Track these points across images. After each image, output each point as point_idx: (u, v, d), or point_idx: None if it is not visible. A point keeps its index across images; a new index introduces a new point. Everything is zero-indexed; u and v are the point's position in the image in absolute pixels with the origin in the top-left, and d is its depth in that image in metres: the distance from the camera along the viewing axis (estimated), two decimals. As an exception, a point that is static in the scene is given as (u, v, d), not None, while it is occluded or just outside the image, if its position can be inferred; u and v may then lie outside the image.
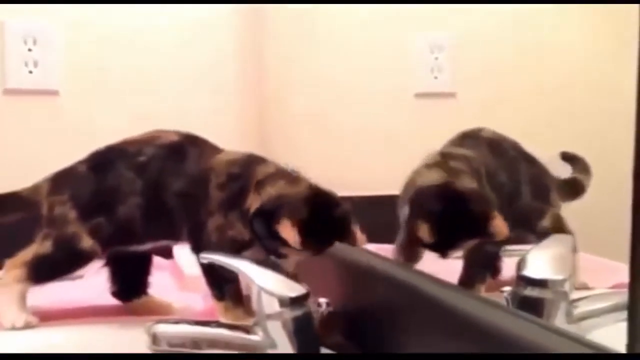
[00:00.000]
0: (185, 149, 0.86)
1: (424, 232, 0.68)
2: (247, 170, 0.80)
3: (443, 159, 0.75)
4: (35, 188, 0.92)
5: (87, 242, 0.86)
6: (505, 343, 0.52)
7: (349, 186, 0.98)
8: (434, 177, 0.71)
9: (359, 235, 0.76)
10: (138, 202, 0.85)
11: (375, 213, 0.86)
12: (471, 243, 0.69)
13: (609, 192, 0.62)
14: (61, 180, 0.91)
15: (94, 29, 1.24)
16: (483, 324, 0.56)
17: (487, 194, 0.70)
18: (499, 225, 0.66)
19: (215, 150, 0.87)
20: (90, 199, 0.87)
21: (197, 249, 0.83)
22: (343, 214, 0.76)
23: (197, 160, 0.85)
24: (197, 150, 0.86)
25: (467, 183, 0.70)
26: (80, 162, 0.90)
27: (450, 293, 0.64)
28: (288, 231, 0.72)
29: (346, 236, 0.76)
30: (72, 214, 0.87)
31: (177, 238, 0.88)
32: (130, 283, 0.93)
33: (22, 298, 0.86)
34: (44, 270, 0.87)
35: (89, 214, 0.86)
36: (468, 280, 0.73)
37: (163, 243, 0.93)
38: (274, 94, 1.27)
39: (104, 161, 0.89)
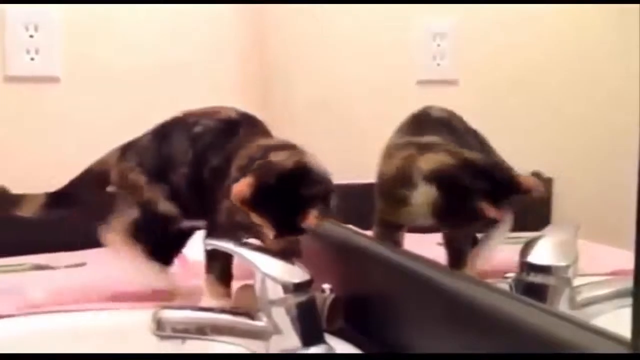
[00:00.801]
0: (238, 127, 0.86)
1: (490, 211, 0.65)
2: (266, 154, 0.77)
3: (423, 148, 0.75)
4: (104, 159, 0.95)
5: (164, 205, 0.87)
6: (509, 328, 0.52)
7: (351, 173, 0.98)
8: (447, 161, 0.71)
9: (311, 217, 0.69)
10: (185, 172, 0.86)
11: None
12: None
13: (613, 181, 0.62)
14: (128, 149, 0.93)
15: (96, 16, 1.24)
16: (486, 309, 0.56)
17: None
18: (530, 181, 0.66)
19: (266, 134, 0.87)
20: (154, 166, 0.89)
21: (207, 228, 0.84)
22: (311, 195, 0.71)
23: (242, 141, 0.84)
24: (248, 131, 0.85)
25: (479, 157, 0.70)
26: (147, 132, 0.92)
27: (453, 278, 0.64)
28: (240, 184, 0.69)
29: (301, 215, 0.69)
30: (142, 180, 0.88)
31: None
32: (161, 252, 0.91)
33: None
34: (143, 234, 0.89)
35: (156, 180, 0.87)
36: (455, 263, 0.73)
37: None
38: (276, 82, 1.27)
39: (165, 130, 0.91)
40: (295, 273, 0.64)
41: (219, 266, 0.83)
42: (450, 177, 0.70)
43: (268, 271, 0.63)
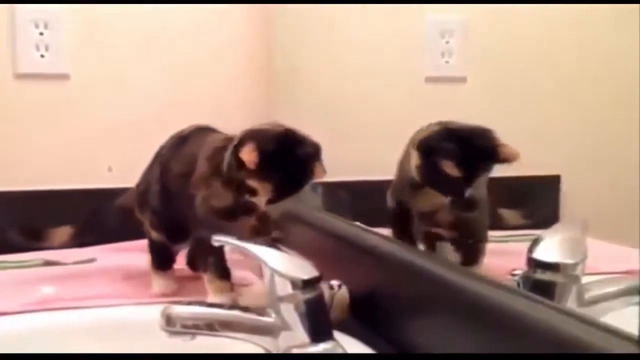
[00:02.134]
0: (190, 136, 0.92)
1: (450, 168, 0.70)
2: (231, 139, 0.82)
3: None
4: (127, 195, 1.01)
5: (153, 234, 0.95)
6: (517, 325, 0.53)
7: (358, 171, 0.98)
8: (431, 129, 0.74)
9: (318, 170, 0.78)
10: (157, 189, 0.93)
11: (385, 197, 0.86)
12: (488, 173, 0.71)
13: (621, 178, 0.62)
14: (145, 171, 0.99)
15: (105, 13, 1.24)
16: (495, 306, 0.56)
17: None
18: (509, 150, 0.69)
19: (217, 132, 0.91)
20: (141, 192, 0.96)
21: (192, 227, 0.88)
22: (307, 153, 0.78)
23: (196, 143, 0.90)
24: (199, 135, 0.91)
25: (462, 124, 0.73)
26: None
27: (461, 276, 0.64)
28: (247, 152, 0.75)
29: (308, 174, 0.78)
30: (137, 207, 0.97)
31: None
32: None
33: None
34: (152, 260, 0.96)
35: (142, 207, 0.96)
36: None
37: None
38: (283, 80, 1.27)
39: (155, 155, 0.97)
40: (304, 269, 0.64)
41: (215, 262, 0.85)
42: (429, 142, 0.74)
43: (277, 267, 0.63)
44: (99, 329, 0.81)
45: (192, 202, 0.85)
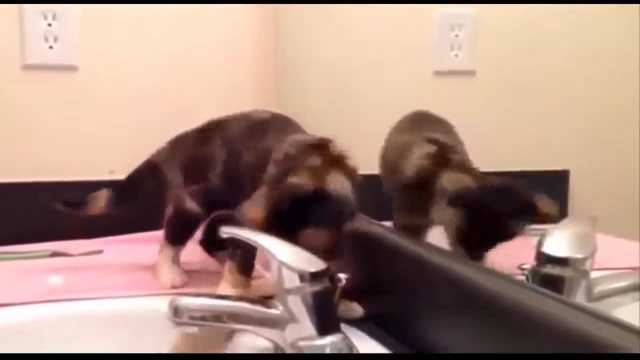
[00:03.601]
0: (268, 127, 0.89)
1: (517, 227, 0.67)
2: (302, 155, 0.79)
3: (445, 153, 0.75)
4: (158, 152, 1.00)
5: (190, 204, 0.93)
6: (527, 319, 0.52)
7: (367, 164, 0.98)
8: (470, 183, 0.72)
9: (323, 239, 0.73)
10: (221, 170, 0.91)
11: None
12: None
13: (631, 173, 0.62)
14: (176, 145, 0.99)
15: (114, 5, 1.24)
16: (504, 299, 0.56)
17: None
18: (546, 205, 0.66)
19: (297, 130, 0.89)
20: (190, 166, 0.94)
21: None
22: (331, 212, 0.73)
23: (273, 136, 0.87)
24: (278, 128, 0.89)
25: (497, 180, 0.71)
26: (194, 129, 0.97)
27: (470, 269, 0.64)
28: (254, 211, 0.73)
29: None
30: (179, 179, 0.95)
31: None
32: (214, 238, 0.96)
33: (170, 259, 0.95)
34: (173, 232, 0.96)
35: (189, 180, 0.94)
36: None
37: None
38: (292, 69, 1.27)
39: (205, 132, 0.95)
40: (312, 262, 0.64)
41: (242, 254, 0.84)
42: (475, 200, 0.70)
43: (284, 260, 0.63)
44: (106, 320, 0.82)
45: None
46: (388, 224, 0.85)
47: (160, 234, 0.98)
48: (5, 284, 0.92)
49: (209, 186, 0.92)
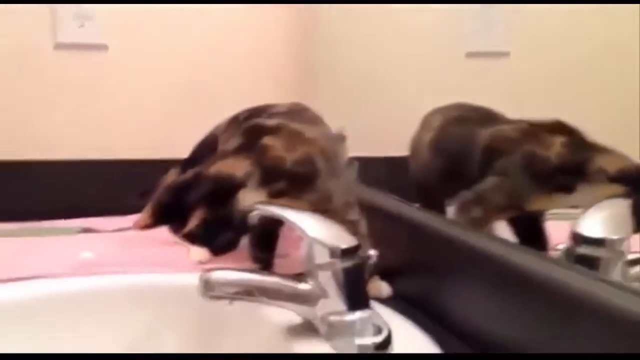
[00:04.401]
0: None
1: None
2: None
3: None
4: (218, 126, 0.99)
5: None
6: (564, 298, 0.52)
7: (397, 146, 0.97)
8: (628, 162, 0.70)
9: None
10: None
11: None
12: None
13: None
14: (232, 122, 0.96)
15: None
16: (540, 278, 0.56)
17: None
18: None
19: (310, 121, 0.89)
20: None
21: None
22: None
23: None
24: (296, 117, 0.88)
25: None
26: (240, 112, 0.96)
27: (502, 247, 0.64)
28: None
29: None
30: (228, 152, 0.90)
31: None
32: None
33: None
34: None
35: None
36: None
37: None
38: (322, 54, 1.26)
39: (236, 116, 0.95)
40: (343, 238, 0.64)
41: (264, 232, 0.84)
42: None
43: (316, 235, 0.63)
44: (135, 294, 0.82)
45: None
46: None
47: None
48: (37, 257, 0.93)
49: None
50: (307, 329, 0.65)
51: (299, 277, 0.65)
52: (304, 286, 0.64)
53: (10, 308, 0.78)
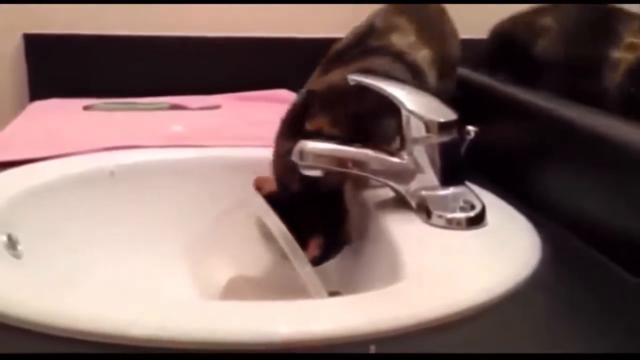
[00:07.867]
0: None
1: None
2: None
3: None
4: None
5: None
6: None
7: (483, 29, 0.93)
8: None
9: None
10: None
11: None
12: None
13: None
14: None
15: None
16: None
17: None
18: None
19: None
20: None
21: None
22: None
23: None
24: None
25: None
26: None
27: (599, 120, 0.61)
28: None
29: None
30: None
31: None
32: None
33: None
34: None
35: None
36: None
37: None
38: None
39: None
40: (442, 112, 0.63)
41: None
42: None
43: (413, 108, 0.62)
44: (231, 164, 0.85)
45: None
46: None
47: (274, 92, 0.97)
48: (129, 129, 0.96)
49: None
50: (400, 203, 0.65)
51: (395, 150, 0.64)
52: (398, 160, 0.64)
53: (115, 174, 0.81)
